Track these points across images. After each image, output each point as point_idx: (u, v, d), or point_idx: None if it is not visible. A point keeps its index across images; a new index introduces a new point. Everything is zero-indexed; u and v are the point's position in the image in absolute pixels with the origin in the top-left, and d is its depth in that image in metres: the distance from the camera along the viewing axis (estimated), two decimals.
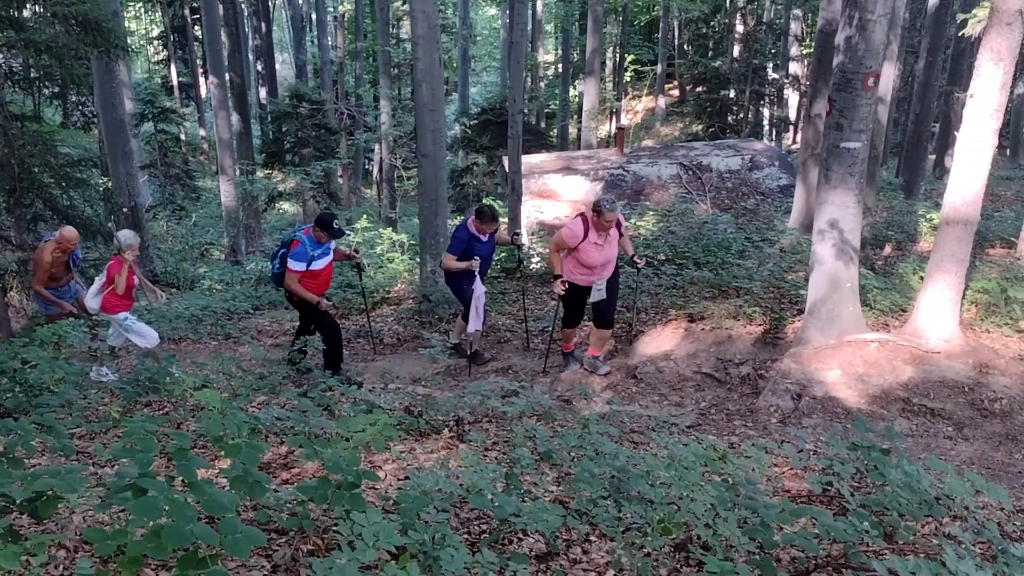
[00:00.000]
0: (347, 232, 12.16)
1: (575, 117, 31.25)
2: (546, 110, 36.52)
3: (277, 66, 33.25)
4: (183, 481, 2.74)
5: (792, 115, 29.28)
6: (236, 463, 2.92)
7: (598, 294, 8.42)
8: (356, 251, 9.77)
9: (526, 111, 32.49)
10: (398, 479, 4.39)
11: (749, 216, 15.31)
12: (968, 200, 7.61)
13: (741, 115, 28.42)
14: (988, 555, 3.75)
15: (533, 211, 16.38)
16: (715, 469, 4.09)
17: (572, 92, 34.19)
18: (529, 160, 18.04)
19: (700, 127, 29.14)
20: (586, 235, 8.05)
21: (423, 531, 3.06)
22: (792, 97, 29.00)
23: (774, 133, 29.67)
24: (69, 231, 8.85)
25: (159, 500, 2.55)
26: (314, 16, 32.57)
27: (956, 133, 7.71)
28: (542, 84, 36.97)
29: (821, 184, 7.93)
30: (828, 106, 7.74)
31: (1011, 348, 8.23)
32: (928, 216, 13.69)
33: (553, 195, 17.12)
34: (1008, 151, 27.30)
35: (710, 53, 31.82)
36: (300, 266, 8.36)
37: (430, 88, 10.37)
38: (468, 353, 9.43)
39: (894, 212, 15.26)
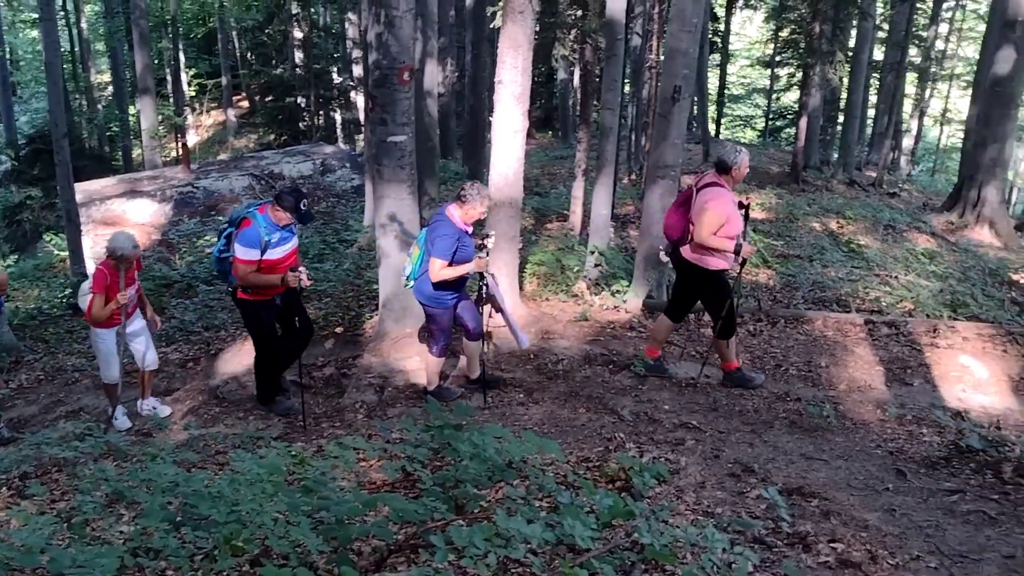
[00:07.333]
0: (315, 216, 9.17)
1: (139, 138, 29.56)
2: (108, 133, 34.12)
3: None
4: None
5: (361, 117, 29.77)
6: None
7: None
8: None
9: (85, 135, 30.23)
10: None
11: (325, 219, 15.40)
12: (510, 179, 8.17)
13: (311, 121, 28.49)
14: (552, 506, 4.02)
15: (100, 240, 15.28)
16: (297, 475, 4.02)
17: (132, 111, 32.25)
18: (88, 187, 17.01)
19: (273, 136, 28.84)
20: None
21: None
22: (360, 100, 29.44)
23: (346, 136, 30.09)
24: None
25: None
26: None
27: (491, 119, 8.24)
28: (100, 106, 34.45)
29: (376, 180, 8.11)
30: (370, 103, 7.92)
31: (567, 312, 9.00)
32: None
33: (120, 220, 16.11)
34: (560, 133, 29.86)
35: (273, 61, 31.47)
36: (252, 255, 6.34)
37: None
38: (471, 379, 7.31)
39: None
